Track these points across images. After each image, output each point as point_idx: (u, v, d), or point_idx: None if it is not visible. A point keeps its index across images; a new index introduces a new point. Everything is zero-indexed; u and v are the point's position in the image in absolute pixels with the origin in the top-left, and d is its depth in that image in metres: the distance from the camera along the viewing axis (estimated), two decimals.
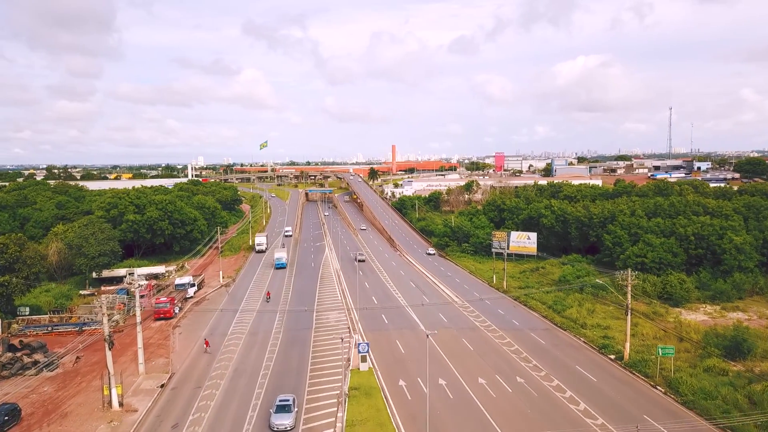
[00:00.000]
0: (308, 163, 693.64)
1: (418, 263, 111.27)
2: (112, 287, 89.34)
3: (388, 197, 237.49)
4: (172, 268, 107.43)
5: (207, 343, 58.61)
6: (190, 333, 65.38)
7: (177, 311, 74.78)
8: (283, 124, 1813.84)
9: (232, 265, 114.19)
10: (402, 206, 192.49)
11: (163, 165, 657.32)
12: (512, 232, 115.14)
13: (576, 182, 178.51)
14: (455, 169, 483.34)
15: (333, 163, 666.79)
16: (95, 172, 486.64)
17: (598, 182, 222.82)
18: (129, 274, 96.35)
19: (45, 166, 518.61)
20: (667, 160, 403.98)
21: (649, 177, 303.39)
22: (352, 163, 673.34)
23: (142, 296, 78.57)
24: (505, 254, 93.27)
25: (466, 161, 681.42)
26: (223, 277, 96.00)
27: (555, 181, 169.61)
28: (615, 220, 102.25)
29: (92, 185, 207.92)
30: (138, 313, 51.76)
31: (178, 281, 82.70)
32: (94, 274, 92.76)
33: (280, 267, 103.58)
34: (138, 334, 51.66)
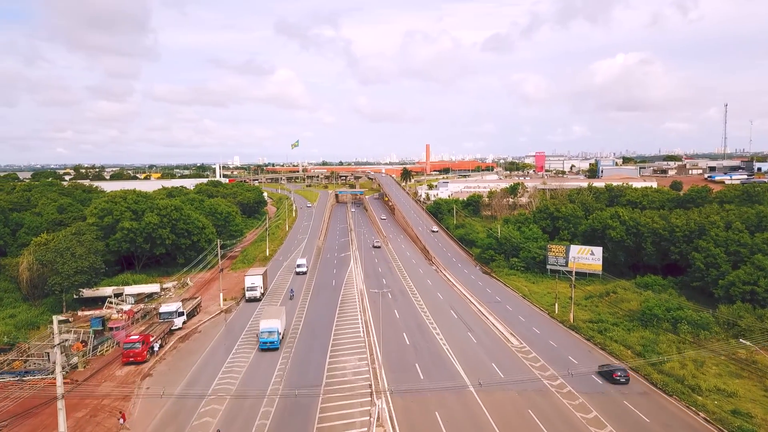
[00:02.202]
0: (341, 163, 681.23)
1: (458, 283, 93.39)
2: (89, 312, 74.63)
3: (422, 200, 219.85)
4: (170, 284, 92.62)
5: (123, 417, 42.24)
6: (161, 387, 49.38)
7: (156, 348, 59.20)
8: (316, 125, 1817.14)
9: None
10: (437, 210, 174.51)
11: (198, 165, 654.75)
12: (572, 246, 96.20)
13: (637, 185, 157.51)
14: (492, 169, 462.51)
15: (366, 163, 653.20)
16: (130, 171, 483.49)
17: (653, 184, 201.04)
18: (115, 294, 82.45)
19: (81, 165, 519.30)
20: (723, 161, 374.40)
21: (706, 179, 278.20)
22: (386, 163, 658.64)
23: (114, 328, 63.73)
24: (573, 278, 74.08)
25: (502, 161, 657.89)
26: (224, 300, 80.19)
27: (613, 184, 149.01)
28: (705, 234, 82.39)
29: (109, 186, 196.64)
30: (58, 378, 35.55)
31: (163, 308, 66.93)
32: (75, 294, 78.53)
33: (268, 347, 57.69)
34: (59, 414, 35.57)
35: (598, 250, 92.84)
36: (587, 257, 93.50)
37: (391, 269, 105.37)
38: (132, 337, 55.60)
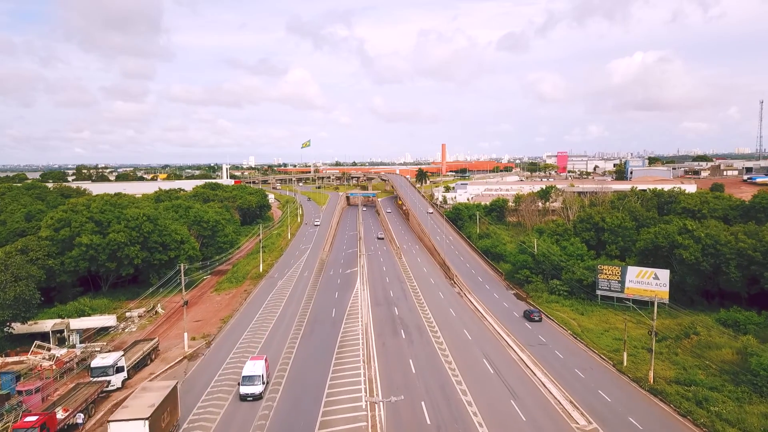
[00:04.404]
0: (354, 164, 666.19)
1: (489, 313, 75.24)
2: (13, 359, 57.94)
3: (438, 203, 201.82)
4: (135, 312, 75.93)
5: None
6: None
7: (81, 422, 42.27)
8: (331, 125, 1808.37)
9: (224, 306, 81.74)
10: (457, 216, 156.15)
11: (212, 165, 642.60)
12: (629, 268, 77.77)
13: (690, 189, 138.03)
14: (510, 170, 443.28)
15: (381, 164, 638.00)
16: (141, 172, 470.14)
17: (693, 187, 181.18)
18: (54, 332, 65.40)
19: (84, 166, 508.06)
20: (760, 161, 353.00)
21: (744, 180, 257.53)
22: (400, 164, 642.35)
23: (25, 392, 46.68)
24: (654, 322, 53.86)
25: (518, 161, 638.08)
26: (192, 339, 62.77)
27: (663, 189, 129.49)
28: None
29: (99, 188, 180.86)
30: None
31: (96, 362, 49.57)
32: (3, 331, 62.00)
33: None
34: None
35: (664, 274, 74.02)
36: (649, 282, 74.96)
37: (405, 292, 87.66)
38: (28, 418, 38.37)
